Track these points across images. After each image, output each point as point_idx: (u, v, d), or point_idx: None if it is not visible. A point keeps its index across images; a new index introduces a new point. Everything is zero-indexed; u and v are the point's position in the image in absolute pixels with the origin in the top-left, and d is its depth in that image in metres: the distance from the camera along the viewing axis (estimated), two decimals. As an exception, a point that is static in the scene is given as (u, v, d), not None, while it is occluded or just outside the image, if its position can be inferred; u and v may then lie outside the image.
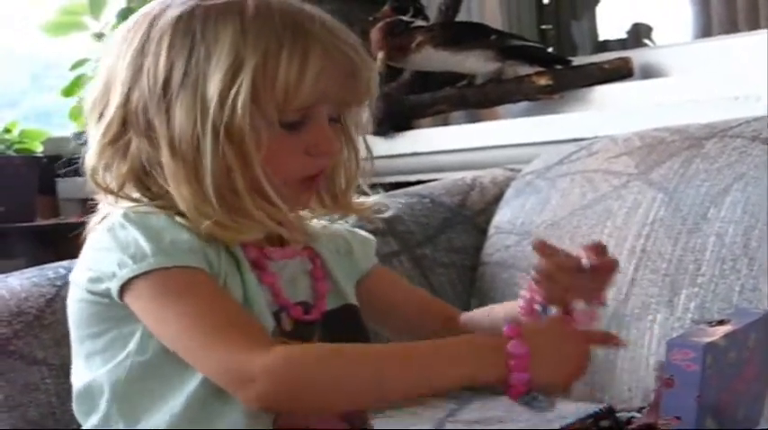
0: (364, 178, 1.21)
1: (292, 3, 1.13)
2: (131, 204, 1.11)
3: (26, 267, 1.62)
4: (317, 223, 1.22)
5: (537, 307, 1.09)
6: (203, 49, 1.09)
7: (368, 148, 1.20)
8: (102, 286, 1.07)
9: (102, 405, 1.10)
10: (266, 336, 1.05)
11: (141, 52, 1.11)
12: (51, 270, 1.56)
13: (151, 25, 1.12)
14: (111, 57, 1.14)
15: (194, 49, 1.09)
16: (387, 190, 1.97)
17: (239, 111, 1.06)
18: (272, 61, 1.07)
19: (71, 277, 1.13)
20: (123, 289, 1.06)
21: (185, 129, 1.08)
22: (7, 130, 2.62)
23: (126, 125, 1.11)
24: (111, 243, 1.07)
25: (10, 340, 1.47)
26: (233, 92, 1.07)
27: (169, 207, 1.09)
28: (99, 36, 2.54)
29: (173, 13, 1.11)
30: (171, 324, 1.05)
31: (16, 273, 1.57)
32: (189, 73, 1.08)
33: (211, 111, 1.07)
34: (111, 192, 1.12)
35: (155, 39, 1.11)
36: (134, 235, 1.06)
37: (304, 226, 1.20)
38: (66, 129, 2.61)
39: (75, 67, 2.54)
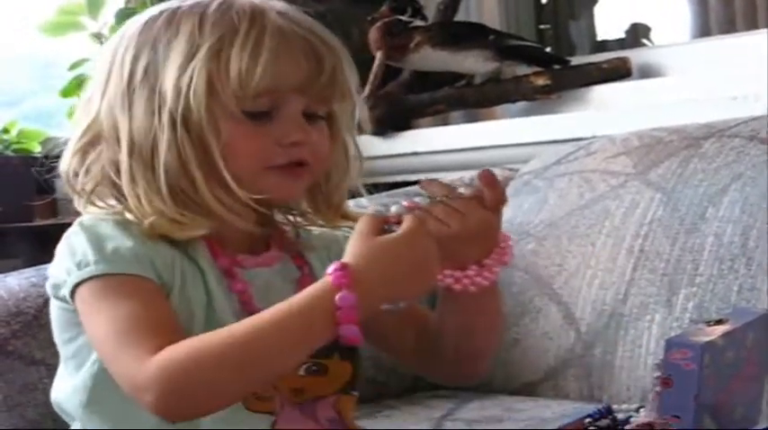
0: (358, 179, 1.20)
1: None
2: (97, 210, 1.12)
3: (24, 267, 1.62)
4: (315, 230, 1.21)
5: (385, 227, 1.06)
6: (165, 42, 1.10)
7: (358, 149, 1.19)
8: (61, 293, 1.09)
9: (77, 409, 1.11)
10: (166, 343, 1.01)
11: (113, 58, 1.13)
12: (49, 270, 1.56)
13: (124, 33, 1.15)
14: (96, 68, 1.16)
15: (156, 45, 1.10)
16: (386, 190, 1.97)
17: (194, 99, 1.07)
18: (227, 47, 1.08)
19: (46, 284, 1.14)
20: (72, 295, 1.07)
21: (143, 125, 1.09)
22: (5, 131, 2.61)
23: (100, 131, 1.12)
24: (65, 250, 1.09)
25: (8, 340, 1.47)
26: (186, 80, 1.07)
27: (130, 210, 1.09)
28: (97, 36, 2.53)
29: (142, 18, 1.14)
30: (95, 330, 1.06)
31: (14, 274, 1.57)
32: (149, 67, 1.10)
33: (168, 101, 1.08)
34: (84, 195, 1.13)
35: (124, 43, 1.13)
36: (82, 242, 1.07)
37: (292, 233, 1.20)
38: (64, 130, 2.60)
39: (73, 67, 2.53)
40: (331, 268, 1.01)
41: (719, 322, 1.09)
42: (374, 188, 1.25)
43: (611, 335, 1.64)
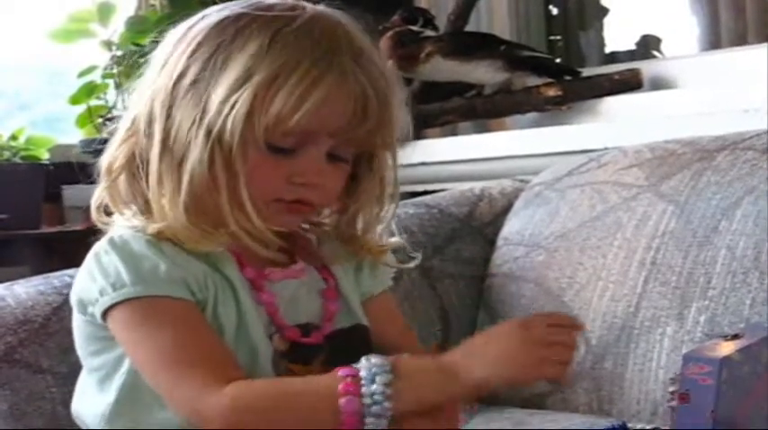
0: (391, 220, 1.19)
1: (344, 26, 1.11)
2: (125, 224, 1.10)
3: (32, 275, 1.61)
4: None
5: None
6: (226, 54, 1.07)
7: (396, 191, 1.18)
8: (88, 310, 1.08)
9: (98, 422, 1.10)
10: (228, 373, 1.03)
11: (173, 49, 1.11)
12: (57, 278, 1.55)
13: (191, 26, 1.11)
14: (156, 55, 1.13)
15: (217, 53, 1.07)
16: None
17: (231, 122, 1.05)
18: (281, 79, 1.05)
19: (70, 296, 1.13)
20: (105, 314, 1.07)
21: (183, 130, 1.07)
22: (14, 137, 2.61)
23: (135, 121, 1.11)
24: (95, 269, 1.07)
25: (15, 348, 1.46)
26: (232, 101, 1.05)
27: (149, 211, 1.09)
28: (107, 44, 2.53)
29: (219, 15, 1.10)
30: (141, 354, 1.06)
31: (22, 281, 1.57)
32: (203, 75, 1.07)
33: (208, 116, 1.06)
34: (110, 182, 1.11)
35: (188, 37, 1.10)
36: (115, 262, 1.06)
37: (316, 245, 1.19)
38: (73, 137, 2.60)
39: (82, 74, 2.53)
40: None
41: (735, 337, 1.08)
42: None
43: (621, 349, 1.63)
